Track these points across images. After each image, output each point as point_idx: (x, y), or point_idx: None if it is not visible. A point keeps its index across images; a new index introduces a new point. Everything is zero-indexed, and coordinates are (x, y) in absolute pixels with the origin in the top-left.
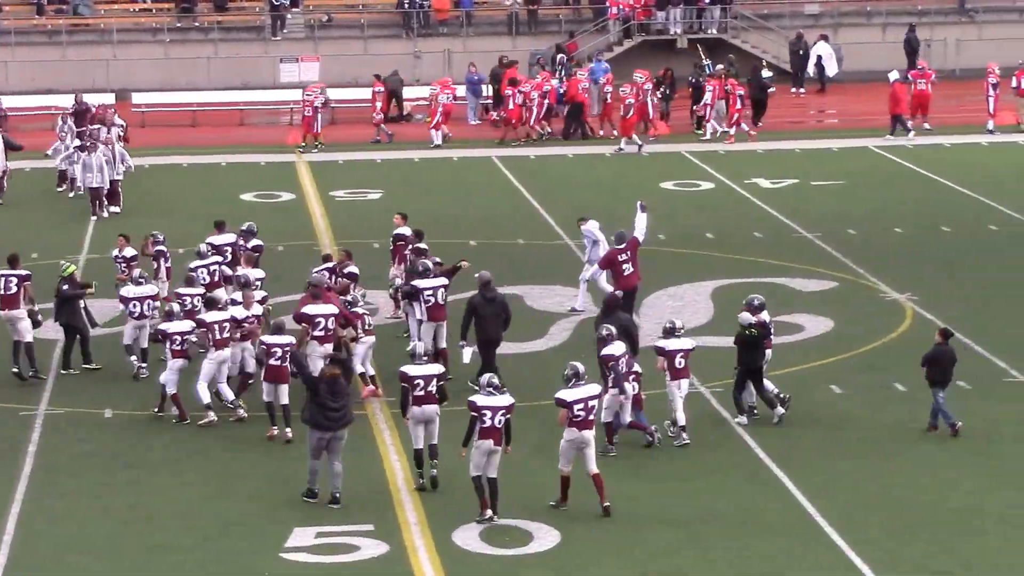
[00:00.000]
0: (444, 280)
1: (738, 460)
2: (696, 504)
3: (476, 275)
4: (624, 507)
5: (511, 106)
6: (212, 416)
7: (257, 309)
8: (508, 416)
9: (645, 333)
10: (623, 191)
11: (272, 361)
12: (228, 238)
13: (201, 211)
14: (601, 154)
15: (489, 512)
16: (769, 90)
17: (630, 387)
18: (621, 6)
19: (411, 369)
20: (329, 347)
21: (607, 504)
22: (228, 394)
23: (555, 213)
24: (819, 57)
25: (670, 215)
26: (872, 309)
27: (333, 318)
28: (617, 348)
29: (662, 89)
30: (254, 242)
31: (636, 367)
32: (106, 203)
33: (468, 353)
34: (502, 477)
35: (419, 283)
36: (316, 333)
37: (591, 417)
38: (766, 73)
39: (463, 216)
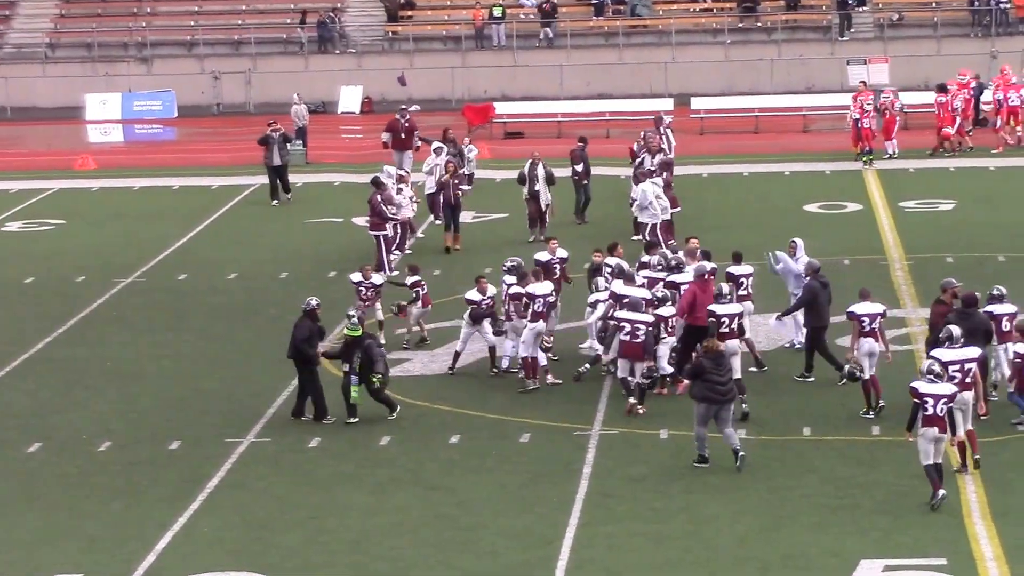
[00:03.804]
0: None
1: None
2: None
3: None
4: None
5: (942, 114)
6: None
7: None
8: (950, 405)
9: None
10: None
11: (623, 336)
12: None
13: (762, 223)
14: None
15: (942, 492)
16: None
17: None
18: None
19: (719, 309)
20: None
21: (977, 456)
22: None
23: None
24: None
25: None
26: None
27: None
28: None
29: None
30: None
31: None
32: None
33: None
34: None
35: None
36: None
37: (968, 380)
38: None
39: None
